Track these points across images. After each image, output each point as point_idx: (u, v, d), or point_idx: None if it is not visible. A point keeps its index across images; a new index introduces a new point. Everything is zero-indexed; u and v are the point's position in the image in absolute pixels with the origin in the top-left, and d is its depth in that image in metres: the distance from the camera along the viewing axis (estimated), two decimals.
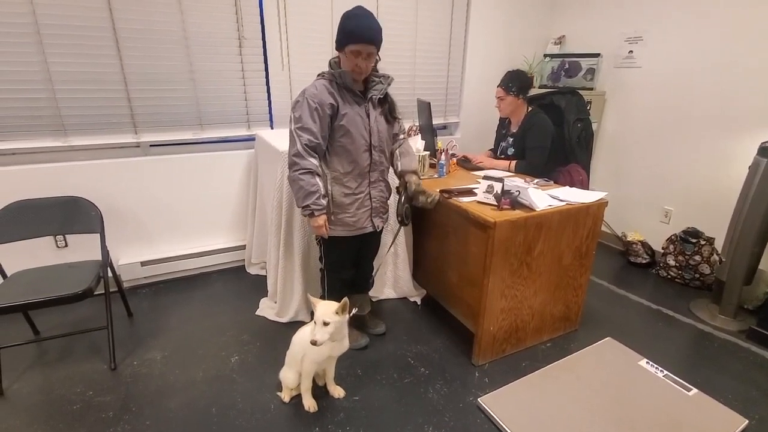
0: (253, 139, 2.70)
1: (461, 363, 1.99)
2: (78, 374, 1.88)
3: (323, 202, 1.68)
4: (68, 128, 2.27)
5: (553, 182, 2.26)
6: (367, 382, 1.86)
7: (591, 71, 3.22)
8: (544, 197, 1.93)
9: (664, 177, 2.99)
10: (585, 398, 1.74)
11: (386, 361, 2.00)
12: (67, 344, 2.08)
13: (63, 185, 2.28)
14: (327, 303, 1.52)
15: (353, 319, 2.08)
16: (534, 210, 1.79)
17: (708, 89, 2.66)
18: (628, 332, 2.23)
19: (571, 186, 2.20)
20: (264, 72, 2.67)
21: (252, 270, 2.84)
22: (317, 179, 1.66)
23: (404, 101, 3.09)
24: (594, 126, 2.73)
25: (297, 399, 1.73)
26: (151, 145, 2.53)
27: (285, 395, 1.73)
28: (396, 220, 1.96)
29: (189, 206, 2.68)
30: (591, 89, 3.20)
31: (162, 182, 2.55)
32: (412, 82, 3.22)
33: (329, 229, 1.76)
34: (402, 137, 1.95)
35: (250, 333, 2.19)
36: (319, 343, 1.47)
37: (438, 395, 1.79)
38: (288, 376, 1.69)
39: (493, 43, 3.41)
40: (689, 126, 2.79)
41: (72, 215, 2.11)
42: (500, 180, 1.84)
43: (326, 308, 1.49)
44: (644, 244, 3.02)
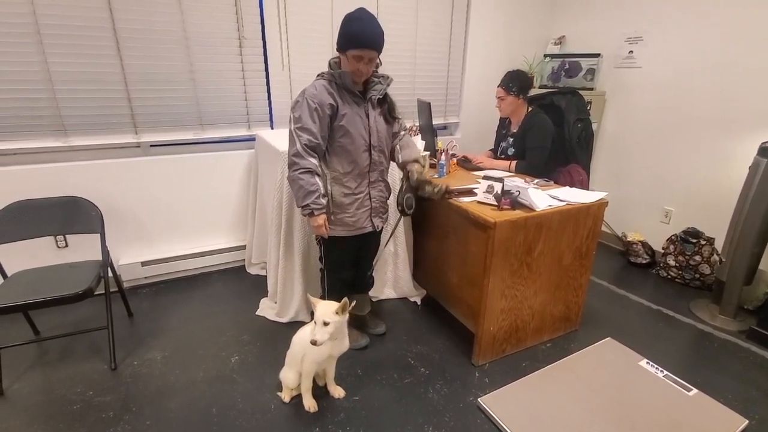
0: (254, 139, 2.70)
1: (461, 363, 1.99)
2: (78, 374, 1.88)
3: (323, 202, 1.69)
4: (68, 128, 2.27)
5: (554, 182, 2.26)
6: (368, 382, 1.86)
7: (591, 71, 3.22)
8: (544, 197, 1.93)
9: (665, 177, 2.99)
10: (585, 398, 1.74)
11: (386, 362, 2.00)
12: (68, 344, 2.09)
13: (63, 185, 2.28)
14: (327, 303, 1.52)
15: (353, 319, 2.09)
16: (534, 210, 1.79)
17: (708, 89, 2.66)
18: (629, 332, 2.23)
19: (572, 186, 2.20)
20: (264, 72, 2.67)
21: (252, 270, 2.84)
22: (317, 179, 1.66)
23: (404, 101, 3.09)
24: (594, 126, 2.73)
25: (297, 399, 1.73)
26: (152, 146, 2.53)
27: (285, 395, 1.73)
28: (396, 218, 1.95)
29: (189, 206, 2.68)
30: (591, 89, 3.20)
31: (162, 182, 2.56)
32: (412, 82, 3.22)
33: (329, 229, 1.77)
34: (402, 133, 1.94)
35: (251, 333, 2.19)
36: (319, 343, 1.47)
37: (438, 395, 1.79)
38: (288, 376, 1.70)
39: (494, 44, 3.41)
40: (689, 126, 2.79)
41: (72, 215, 2.11)
42: (500, 180, 1.84)
43: (326, 308, 1.49)
44: (644, 245, 3.02)
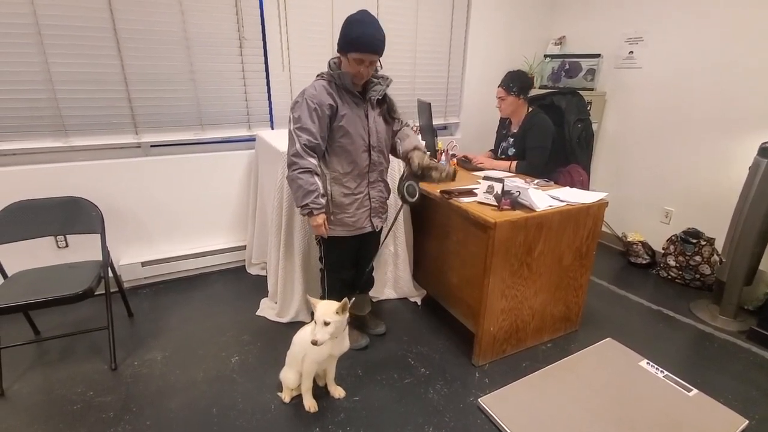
0: (254, 140, 2.70)
1: (461, 363, 1.99)
2: (78, 374, 1.88)
3: (322, 201, 1.69)
4: (69, 128, 2.27)
5: (554, 183, 2.26)
6: (368, 383, 1.86)
7: (591, 72, 3.22)
8: (545, 198, 1.93)
9: (665, 177, 2.99)
10: (585, 398, 1.74)
11: (386, 362, 2.00)
12: (68, 344, 2.09)
13: (63, 185, 2.28)
14: (327, 303, 1.52)
15: (353, 320, 2.09)
16: (534, 210, 1.79)
17: (708, 90, 2.66)
18: (629, 333, 2.23)
19: (572, 186, 2.20)
20: (264, 72, 2.67)
21: (252, 270, 2.84)
22: (316, 178, 1.66)
23: (404, 102, 3.09)
24: (594, 126, 2.73)
25: (297, 399, 1.73)
26: (152, 146, 2.53)
27: (285, 395, 1.73)
28: (394, 223, 1.94)
29: (189, 206, 2.68)
30: (591, 90, 3.21)
31: (162, 182, 2.56)
32: (413, 83, 3.22)
33: (329, 229, 1.77)
34: (402, 128, 1.91)
35: (251, 333, 2.19)
36: (320, 343, 1.47)
37: (438, 395, 1.79)
38: (288, 377, 1.70)
39: (494, 44, 3.41)
40: (689, 126, 2.79)
41: (73, 215, 2.11)
42: (500, 180, 1.84)
43: (326, 308, 1.49)
44: (644, 245, 3.02)
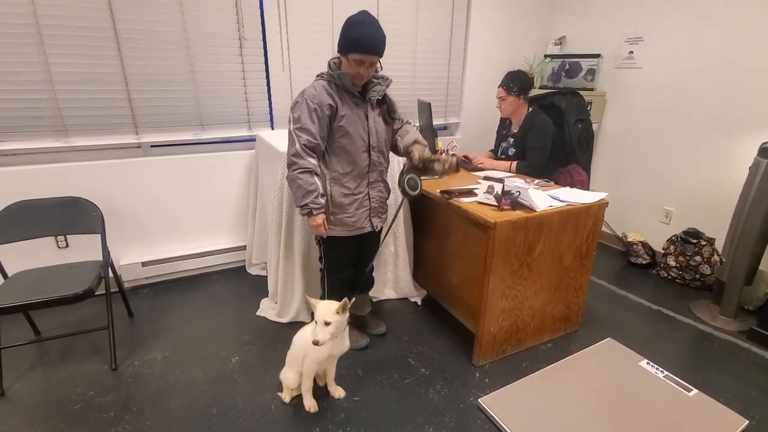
0: (254, 140, 2.70)
1: (462, 363, 1.99)
2: (79, 374, 1.89)
3: (321, 201, 1.69)
4: (69, 129, 2.27)
5: (554, 183, 2.26)
6: (368, 383, 1.86)
7: (591, 72, 3.22)
8: (545, 198, 1.93)
9: (665, 177, 2.99)
10: (585, 399, 1.74)
11: (387, 362, 2.00)
12: (68, 344, 2.09)
13: (64, 186, 2.28)
14: (327, 303, 1.52)
15: (354, 320, 2.09)
16: (534, 210, 1.79)
17: (708, 90, 2.66)
18: (629, 333, 2.23)
19: (572, 186, 2.20)
20: (264, 72, 2.67)
21: (252, 270, 2.84)
22: (315, 178, 1.66)
23: (405, 102, 3.10)
24: (594, 126, 2.73)
25: (297, 399, 1.73)
26: (152, 146, 2.53)
27: (285, 395, 1.73)
28: (394, 219, 1.94)
29: (190, 207, 2.68)
30: (591, 90, 3.21)
31: (163, 183, 2.56)
32: (413, 83, 3.22)
33: (328, 229, 1.77)
34: (402, 126, 1.90)
35: (251, 333, 2.19)
36: (321, 343, 1.47)
37: (438, 396, 1.79)
38: (288, 377, 1.70)
39: (494, 44, 3.41)
40: (690, 126, 2.79)
41: (73, 216, 2.11)
42: (501, 180, 1.84)
43: (327, 308, 1.49)
44: (645, 245, 3.02)
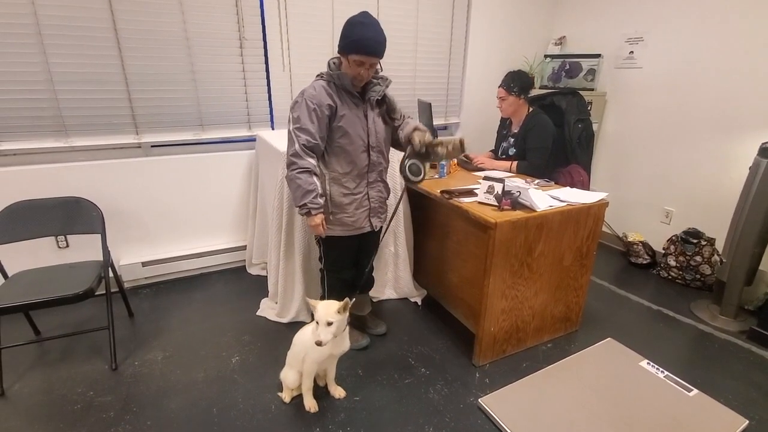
0: (254, 140, 2.71)
1: (462, 363, 1.99)
2: (79, 374, 1.89)
3: (320, 201, 1.69)
4: (69, 129, 2.27)
5: (554, 183, 2.26)
6: (368, 383, 1.86)
7: (592, 72, 3.22)
8: (545, 198, 1.93)
9: (665, 177, 2.99)
10: (586, 399, 1.74)
11: (387, 362, 2.00)
12: (68, 344, 2.09)
13: (64, 186, 2.28)
14: (327, 303, 1.52)
15: (354, 320, 2.09)
16: (535, 210, 1.79)
17: (708, 90, 2.66)
18: (629, 333, 2.23)
19: (572, 186, 2.20)
20: (265, 73, 2.67)
21: (253, 270, 2.84)
22: (315, 178, 1.66)
23: (405, 102, 3.10)
24: (594, 126, 2.74)
25: (298, 399, 1.73)
26: (153, 146, 2.53)
27: (286, 395, 1.73)
28: (394, 214, 1.94)
29: (190, 207, 2.68)
30: (592, 90, 3.21)
31: (163, 183, 2.56)
32: (413, 83, 3.22)
33: (328, 229, 1.77)
34: (402, 122, 1.87)
35: (251, 333, 2.19)
36: (324, 343, 1.47)
37: (439, 396, 1.79)
38: (289, 377, 1.70)
39: (494, 44, 3.41)
40: (690, 126, 2.79)
41: (73, 216, 2.11)
42: (501, 180, 1.84)
43: (328, 308, 1.49)
44: (645, 245, 3.02)
